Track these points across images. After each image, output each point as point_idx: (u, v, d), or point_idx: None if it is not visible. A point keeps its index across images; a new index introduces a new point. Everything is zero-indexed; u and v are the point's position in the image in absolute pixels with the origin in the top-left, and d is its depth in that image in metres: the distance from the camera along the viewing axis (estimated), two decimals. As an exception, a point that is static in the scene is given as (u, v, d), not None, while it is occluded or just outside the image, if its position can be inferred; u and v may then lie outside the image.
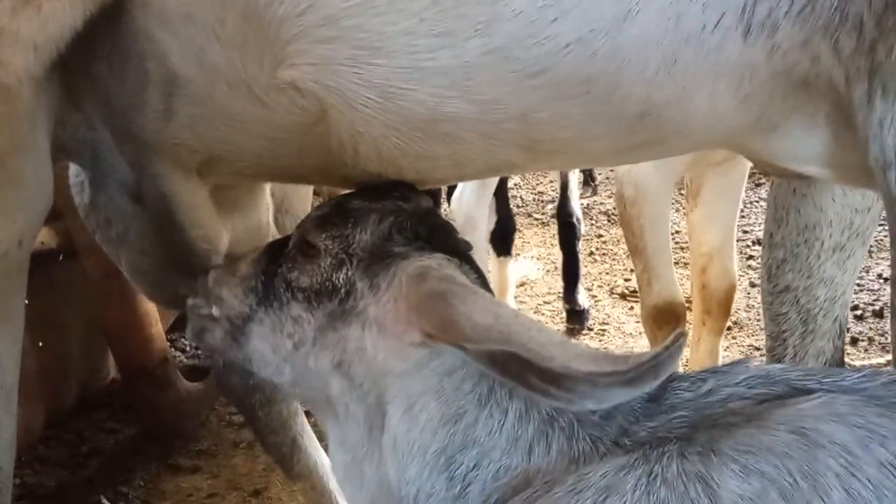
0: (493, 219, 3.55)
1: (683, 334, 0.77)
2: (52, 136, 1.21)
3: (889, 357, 3.11)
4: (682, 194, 3.12)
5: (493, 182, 3.23)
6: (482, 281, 1.05)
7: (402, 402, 0.98)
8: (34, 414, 2.71)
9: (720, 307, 2.55)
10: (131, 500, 2.53)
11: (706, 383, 0.91)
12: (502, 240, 3.55)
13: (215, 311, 1.16)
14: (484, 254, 3.48)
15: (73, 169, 1.46)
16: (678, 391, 0.91)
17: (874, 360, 3.06)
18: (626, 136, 1.10)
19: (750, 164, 2.50)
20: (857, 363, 3.13)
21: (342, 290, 1.02)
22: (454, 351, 0.91)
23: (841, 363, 1.57)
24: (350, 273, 1.03)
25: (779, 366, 0.93)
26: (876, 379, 0.84)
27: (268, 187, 1.62)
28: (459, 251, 1.07)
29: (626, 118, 1.04)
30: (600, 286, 3.92)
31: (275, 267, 1.11)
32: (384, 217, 1.05)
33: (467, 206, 3.18)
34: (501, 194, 3.56)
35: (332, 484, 1.93)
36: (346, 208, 1.08)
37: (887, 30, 0.93)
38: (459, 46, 0.94)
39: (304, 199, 1.89)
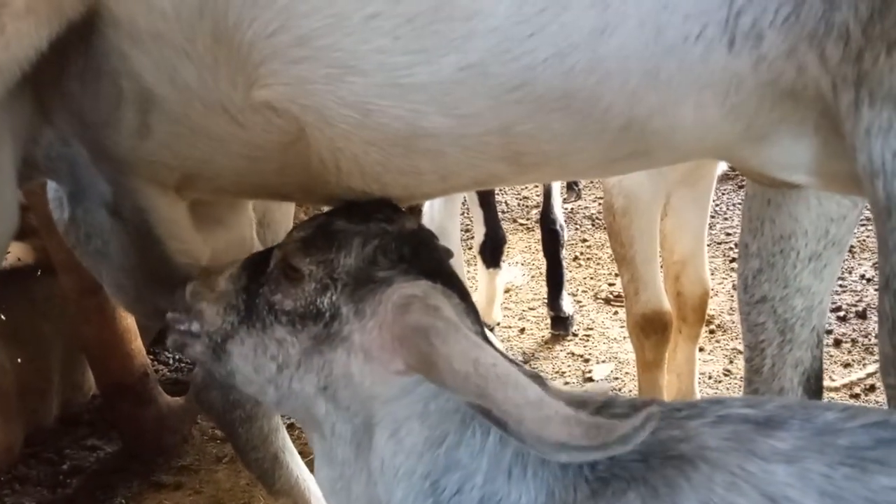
0: (483, 230, 3.55)
1: (654, 414, 0.78)
2: (24, 154, 1.19)
3: (874, 360, 3.13)
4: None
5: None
6: (465, 299, 1.04)
7: (387, 427, 0.97)
8: (14, 432, 2.66)
9: (695, 313, 2.55)
10: (113, 519, 2.49)
11: (672, 413, 0.91)
12: (492, 252, 3.55)
13: (195, 326, 1.14)
14: (460, 264, 3.49)
15: (51, 185, 1.44)
16: None
17: (854, 376, 3.07)
18: (611, 148, 1.09)
19: (719, 172, 2.52)
20: (841, 365, 3.15)
21: (327, 315, 1.01)
22: None
23: (819, 372, 1.57)
24: (335, 298, 1.01)
25: (755, 400, 0.92)
26: (854, 419, 0.83)
27: (250, 202, 1.61)
28: (443, 270, 1.06)
29: (609, 130, 1.03)
30: (585, 291, 3.92)
31: (256, 286, 1.09)
32: (368, 240, 1.04)
33: (439, 217, 3.20)
34: (489, 206, 3.57)
35: (314, 500, 1.91)
36: (329, 230, 1.06)
37: (874, 38, 0.92)
38: (435, 63, 0.92)
39: (286, 212, 1.87)
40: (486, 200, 3.55)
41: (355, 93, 0.95)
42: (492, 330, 3.54)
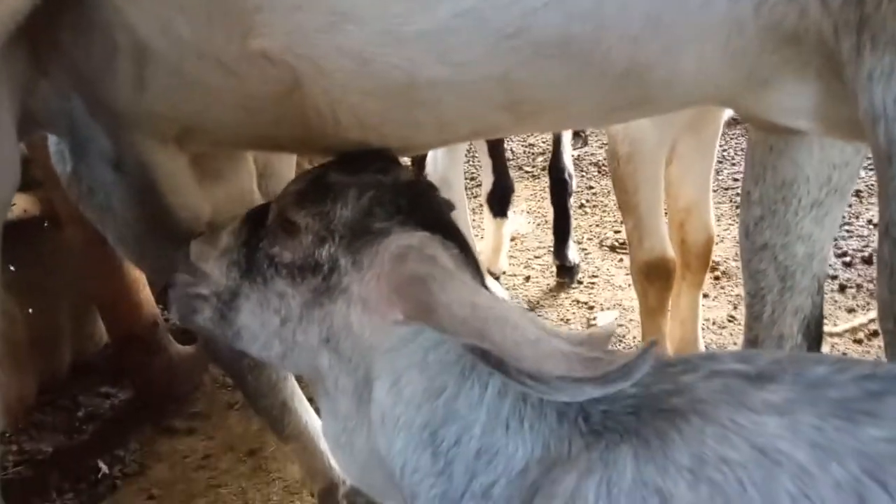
0: (490, 179, 3.53)
1: (655, 342, 0.78)
2: (22, 107, 1.18)
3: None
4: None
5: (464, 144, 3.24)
6: (464, 251, 1.04)
7: (387, 378, 0.98)
8: (27, 381, 2.72)
9: (699, 260, 2.55)
10: (127, 464, 2.55)
11: (665, 368, 0.92)
12: (500, 201, 3.53)
13: (203, 288, 1.14)
14: (464, 214, 3.48)
15: (53, 138, 1.44)
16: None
17: (857, 321, 3.07)
18: (611, 96, 1.08)
19: (727, 118, 2.48)
20: (846, 310, 3.16)
21: (325, 267, 1.02)
22: None
23: (819, 319, 1.58)
24: (332, 250, 1.01)
25: (747, 355, 0.92)
26: (844, 372, 0.83)
27: (250, 154, 1.60)
28: (442, 221, 1.06)
29: (609, 77, 1.02)
30: (590, 238, 3.92)
31: (256, 240, 1.10)
32: (364, 192, 1.03)
33: (442, 169, 3.19)
34: (498, 154, 3.52)
35: (323, 444, 1.95)
36: (324, 183, 1.06)
37: (876, -20, 0.90)
38: (431, 10, 0.91)
39: (288, 163, 1.86)
40: (495, 149, 3.50)
41: (352, 41, 0.94)
42: (497, 279, 3.56)
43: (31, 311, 2.74)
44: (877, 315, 1.10)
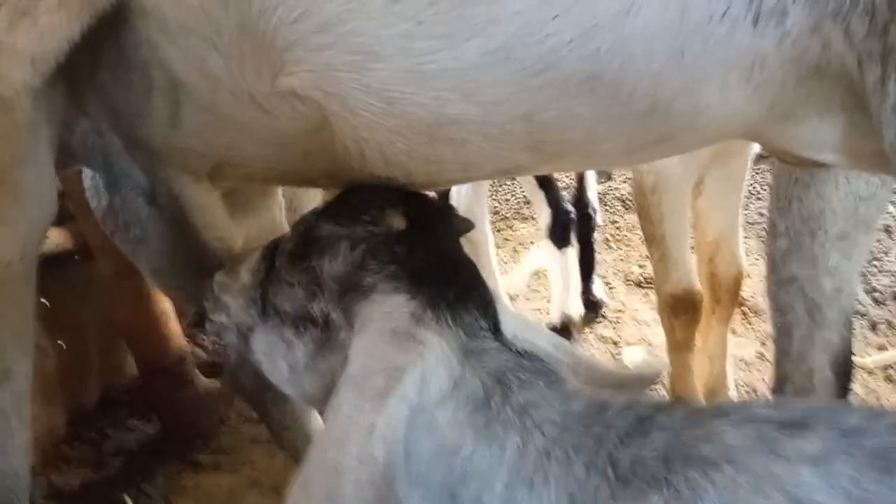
0: (547, 211, 3.44)
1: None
2: (59, 142, 1.22)
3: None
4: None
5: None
6: (469, 286, 1.02)
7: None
8: (57, 414, 2.74)
9: (729, 294, 2.52)
10: (153, 499, 2.55)
11: (696, 414, 0.90)
12: (563, 230, 3.43)
13: (224, 318, 1.16)
14: (487, 246, 3.44)
15: (88, 172, 1.47)
16: (662, 416, 0.90)
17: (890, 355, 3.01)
18: (635, 134, 1.08)
19: (755, 150, 2.47)
20: (876, 347, 3.10)
21: (321, 321, 1.02)
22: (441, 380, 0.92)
23: (848, 353, 1.55)
24: (323, 305, 1.01)
25: (780, 402, 0.90)
26: (879, 420, 0.81)
27: (279, 188, 1.63)
28: (443, 260, 1.04)
29: (634, 115, 1.03)
30: (615, 273, 3.90)
31: (267, 284, 1.10)
32: (356, 244, 1.02)
33: (466, 201, 3.18)
34: (551, 186, 3.44)
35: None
36: (313, 237, 1.06)
37: (900, 12, 0.90)
38: (459, 48, 0.92)
39: (312, 197, 1.89)
40: (548, 182, 3.41)
41: (379, 79, 0.96)
42: (570, 326, 3.35)
43: (61, 343, 2.77)
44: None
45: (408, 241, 1.04)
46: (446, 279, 1.01)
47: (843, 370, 1.54)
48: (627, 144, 1.12)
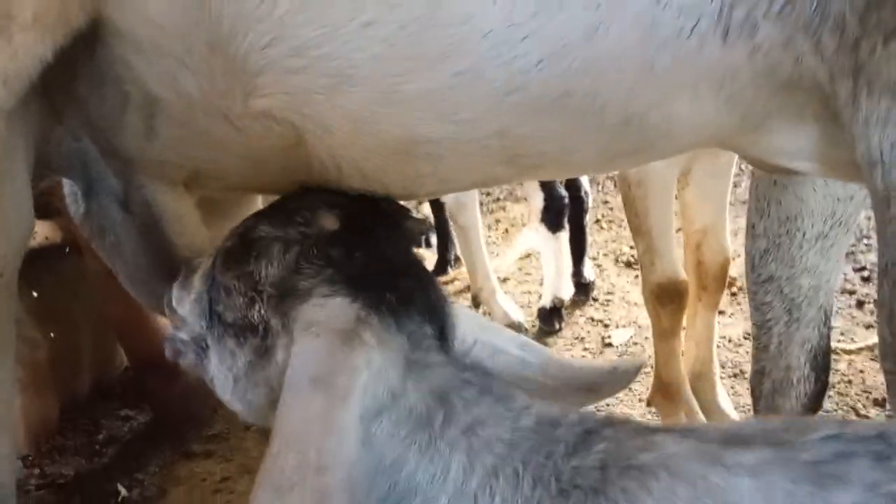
0: (540, 196, 3.41)
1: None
2: (36, 154, 1.22)
3: None
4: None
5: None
6: (414, 288, 0.99)
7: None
8: (50, 404, 2.77)
9: (716, 282, 2.54)
10: (147, 487, 2.58)
11: (639, 428, 0.90)
12: (556, 214, 3.41)
13: (182, 333, 1.11)
14: (477, 231, 3.43)
15: (67, 181, 1.47)
16: (609, 429, 0.90)
17: (876, 339, 3.03)
18: (611, 145, 1.09)
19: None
20: (863, 326, 3.13)
21: (260, 328, 0.97)
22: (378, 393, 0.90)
23: (827, 350, 1.58)
24: (262, 311, 0.96)
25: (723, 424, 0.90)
26: (814, 433, 0.81)
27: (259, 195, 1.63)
28: (386, 264, 1.00)
29: (608, 127, 1.03)
30: (606, 254, 3.91)
31: (213, 292, 1.04)
32: (289, 247, 0.98)
33: None
34: None
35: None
36: (249, 239, 1.01)
37: (870, 27, 0.91)
38: (431, 69, 0.93)
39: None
40: None
41: (353, 101, 0.96)
42: (562, 307, 3.36)
43: (52, 334, 2.79)
44: (878, 355, 1.10)
45: (343, 243, 0.99)
46: (386, 283, 0.97)
47: (822, 366, 1.57)
48: (604, 154, 1.13)
